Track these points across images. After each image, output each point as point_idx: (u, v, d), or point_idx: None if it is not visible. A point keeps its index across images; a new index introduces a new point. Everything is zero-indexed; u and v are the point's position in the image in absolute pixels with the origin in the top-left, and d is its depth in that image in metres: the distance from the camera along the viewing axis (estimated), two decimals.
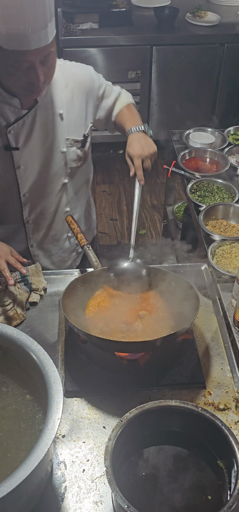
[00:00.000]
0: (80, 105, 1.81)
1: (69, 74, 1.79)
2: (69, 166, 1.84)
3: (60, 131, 1.77)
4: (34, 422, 1.21)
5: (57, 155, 1.79)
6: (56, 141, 1.77)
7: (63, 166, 1.83)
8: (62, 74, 1.76)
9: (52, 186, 1.84)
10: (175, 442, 1.24)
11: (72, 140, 1.80)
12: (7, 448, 1.17)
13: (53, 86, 1.72)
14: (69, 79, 1.78)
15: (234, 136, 2.75)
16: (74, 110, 1.79)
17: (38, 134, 1.73)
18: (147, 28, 4.21)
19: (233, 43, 4.16)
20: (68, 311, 1.49)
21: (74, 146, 1.81)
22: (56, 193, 1.86)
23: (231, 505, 1.04)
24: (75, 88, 1.78)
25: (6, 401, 1.26)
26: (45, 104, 1.71)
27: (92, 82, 1.84)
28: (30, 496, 1.09)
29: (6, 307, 1.61)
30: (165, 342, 1.41)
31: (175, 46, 4.17)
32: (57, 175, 1.83)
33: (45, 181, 1.82)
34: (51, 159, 1.78)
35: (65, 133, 1.78)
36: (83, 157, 1.86)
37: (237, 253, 1.91)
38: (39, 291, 1.71)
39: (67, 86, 1.77)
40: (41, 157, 1.77)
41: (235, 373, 1.49)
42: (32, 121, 1.70)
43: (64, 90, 1.76)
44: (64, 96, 1.76)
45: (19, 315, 1.62)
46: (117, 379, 1.45)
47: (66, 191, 1.89)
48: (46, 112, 1.72)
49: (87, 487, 1.22)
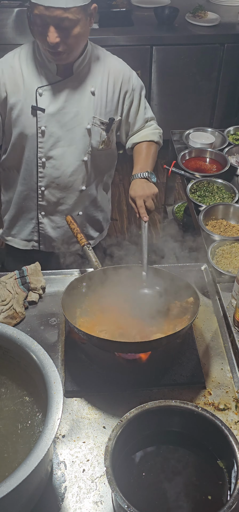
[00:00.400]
0: (114, 92, 1.87)
1: (110, 60, 1.88)
2: (91, 144, 1.88)
3: (88, 107, 1.83)
4: (32, 423, 1.21)
5: (81, 129, 1.84)
6: (83, 115, 1.83)
7: (85, 143, 1.87)
8: (103, 57, 1.86)
9: (70, 159, 1.88)
10: (175, 442, 1.24)
11: (98, 120, 1.85)
12: (4, 449, 1.17)
13: (91, 62, 1.82)
14: (108, 64, 1.87)
15: (234, 136, 2.75)
16: (106, 93, 1.85)
17: (66, 103, 1.80)
18: (147, 28, 4.20)
19: (233, 43, 4.16)
20: (68, 311, 1.49)
21: (99, 127, 1.86)
22: (74, 167, 1.90)
23: (231, 505, 1.04)
24: (113, 74, 1.86)
25: (4, 402, 1.26)
26: (80, 77, 1.80)
27: (129, 79, 1.89)
28: (30, 496, 1.09)
29: (5, 307, 1.61)
30: (165, 342, 1.41)
31: (175, 46, 4.17)
32: (78, 149, 1.87)
33: (64, 151, 1.86)
34: (74, 131, 1.84)
35: (93, 111, 1.84)
36: (106, 142, 1.91)
37: (237, 253, 1.91)
38: (37, 290, 1.71)
39: (105, 69, 1.85)
40: (64, 126, 1.82)
41: (235, 373, 1.49)
42: (63, 90, 1.78)
43: (102, 71, 1.84)
44: (100, 76, 1.84)
45: (18, 313, 1.62)
46: (117, 379, 1.45)
47: (85, 169, 1.92)
48: (79, 85, 1.80)
49: (87, 487, 1.22)
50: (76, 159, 1.88)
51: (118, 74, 1.88)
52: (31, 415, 1.22)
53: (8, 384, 1.29)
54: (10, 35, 3.90)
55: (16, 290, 1.67)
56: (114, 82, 1.87)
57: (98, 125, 1.86)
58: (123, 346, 1.41)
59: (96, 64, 1.85)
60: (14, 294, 1.65)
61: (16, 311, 1.62)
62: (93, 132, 1.86)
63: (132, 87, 1.91)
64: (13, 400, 1.26)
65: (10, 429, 1.20)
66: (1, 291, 1.65)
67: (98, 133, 1.87)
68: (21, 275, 1.72)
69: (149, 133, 1.99)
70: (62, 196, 1.96)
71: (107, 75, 1.86)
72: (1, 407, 1.24)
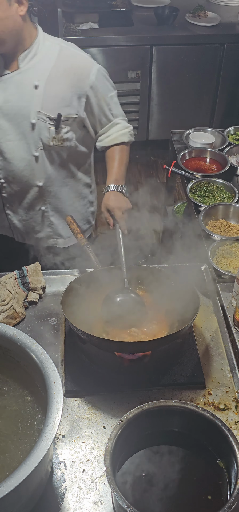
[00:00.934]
0: (65, 88, 1.83)
1: (65, 54, 1.84)
2: (41, 140, 1.87)
3: (32, 101, 1.82)
4: (33, 423, 1.21)
5: (26, 123, 1.84)
6: (28, 110, 1.82)
7: (34, 138, 1.86)
8: (58, 51, 1.82)
9: (21, 153, 1.89)
10: (175, 442, 1.24)
11: (44, 115, 1.83)
12: (5, 449, 1.17)
13: (41, 56, 1.80)
14: (63, 58, 1.82)
15: (234, 136, 2.75)
16: (55, 88, 1.82)
17: (11, 96, 1.81)
18: (147, 28, 4.21)
19: (233, 43, 4.16)
20: (68, 311, 1.49)
21: (47, 122, 1.84)
22: (25, 162, 1.90)
23: (231, 505, 1.04)
24: (65, 69, 1.82)
25: (7, 401, 1.26)
26: (27, 71, 1.80)
27: (86, 75, 1.84)
28: (30, 496, 1.09)
29: (4, 307, 1.61)
30: (165, 342, 1.41)
31: (175, 46, 4.17)
32: (28, 144, 1.87)
33: (14, 145, 1.88)
34: (22, 126, 1.84)
35: (38, 106, 1.82)
36: (58, 138, 1.88)
37: (237, 253, 1.91)
38: (37, 290, 1.71)
39: (58, 64, 1.82)
40: (12, 120, 1.83)
41: (235, 373, 1.49)
42: (9, 83, 1.80)
43: (52, 65, 1.81)
44: (48, 70, 1.81)
45: (18, 313, 1.62)
46: (117, 379, 1.45)
47: (39, 164, 1.92)
48: (25, 78, 1.80)
49: (87, 487, 1.22)
50: (27, 154, 1.89)
51: (71, 69, 1.83)
52: (32, 415, 1.22)
53: (10, 383, 1.29)
54: None
55: (16, 290, 1.67)
56: (66, 77, 1.82)
57: (44, 120, 1.83)
58: (123, 346, 1.42)
59: (47, 58, 1.82)
60: (14, 294, 1.65)
61: (16, 311, 1.62)
62: (40, 127, 1.84)
63: (89, 84, 1.85)
64: (16, 400, 1.26)
65: (12, 429, 1.20)
66: (1, 291, 1.65)
67: (45, 128, 1.85)
68: (21, 275, 1.72)
69: (118, 135, 1.96)
70: (20, 190, 1.98)
71: (58, 70, 1.82)
72: (4, 406, 1.25)
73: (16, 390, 1.28)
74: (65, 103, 1.84)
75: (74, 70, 1.83)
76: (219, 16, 4.30)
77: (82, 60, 1.87)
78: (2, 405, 1.25)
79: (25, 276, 1.71)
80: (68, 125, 1.87)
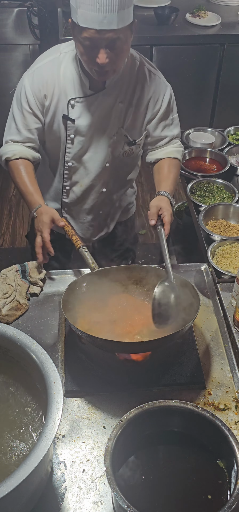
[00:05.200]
0: (143, 111, 1.89)
1: (145, 76, 1.86)
2: (113, 152, 1.91)
3: (116, 119, 1.86)
4: (33, 423, 1.21)
5: (105, 139, 1.88)
6: (108, 127, 1.86)
7: (109, 151, 1.90)
8: (139, 72, 1.85)
9: (95, 165, 1.93)
10: (175, 442, 1.24)
11: (123, 133, 1.88)
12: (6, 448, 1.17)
13: (122, 75, 1.81)
14: (143, 80, 1.85)
15: (234, 136, 2.75)
16: (135, 109, 1.87)
17: (95, 116, 1.84)
18: (147, 28, 4.20)
19: (233, 43, 4.15)
20: (68, 311, 1.49)
21: (123, 140, 1.89)
22: (97, 172, 1.95)
23: (231, 505, 1.04)
24: (145, 92, 1.86)
25: (6, 401, 1.26)
26: (111, 90, 1.81)
27: (160, 100, 1.89)
28: (30, 496, 1.09)
29: (7, 299, 1.63)
30: (165, 342, 1.41)
31: (175, 46, 4.16)
32: (102, 157, 1.91)
33: (89, 158, 1.92)
34: (101, 141, 1.88)
35: (119, 124, 1.86)
36: (128, 152, 1.94)
37: (237, 253, 1.91)
38: (36, 283, 1.74)
39: (138, 87, 1.85)
40: (92, 137, 1.87)
41: (235, 373, 1.49)
42: (93, 103, 1.82)
43: (132, 86, 1.84)
44: (130, 89, 1.84)
45: (23, 305, 1.65)
46: (117, 379, 1.45)
47: (106, 174, 1.97)
48: (109, 98, 1.82)
49: (87, 487, 1.22)
50: (100, 166, 1.93)
51: (150, 93, 1.87)
52: (32, 415, 1.22)
53: (10, 383, 1.29)
54: (10, 35, 3.90)
55: (18, 282, 1.69)
56: (145, 99, 1.86)
57: (122, 137, 1.89)
58: (123, 346, 1.41)
59: (128, 76, 1.84)
60: (16, 286, 1.68)
61: (19, 303, 1.64)
62: (117, 142, 1.90)
63: (161, 108, 1.90)
64: (15, 400, 1.26)
65: (12, 428, 1.20)
66: (2, 285, 1.67)
67: (121, 144, 1.91)
68: (23, 268, 1.76)
69: (174, 150, 1.99)
70: (84, 196, 2.02)
71: (139, 90, 1.85)
72: (4, 405, 1.25)
73: (16, 390, 1.28)
74: (140, 123, 1.90)
75: (151, 93, 1.87)
76: (219, 16, 4.29)
77: (158, 83, 1.90)
78: (2, 405, 1.25)
79: (26, 270, 1.73)
80: (139, 143, 1.95)
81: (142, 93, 1.86)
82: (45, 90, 1.80)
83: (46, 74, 1.80)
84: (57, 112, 1.84)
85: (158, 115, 1.91)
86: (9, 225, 3.84)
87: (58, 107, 1.83)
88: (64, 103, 1.82)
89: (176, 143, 2.01)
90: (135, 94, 1.85)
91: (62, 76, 1.81)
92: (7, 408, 1.25)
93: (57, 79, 1.80)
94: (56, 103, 1.82)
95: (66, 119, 1.83)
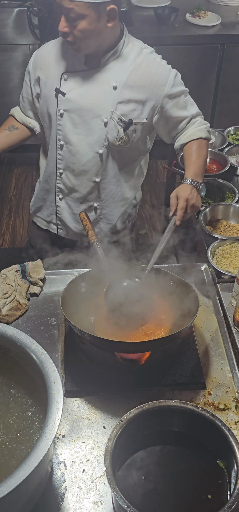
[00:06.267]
0: (140, 93, 1.86)
1: (144, 61, 1.87)
2: (107, 139, 1.90)
3: (108, 101, 1.85)
4: (33, 423, 1.21)
5: (98, 121, 1.87)
6: (102, 108, 1.86)
7: (101, 136, 1.89)
8: (139, 56, 1.87)
9: (86, 148, 1.93)
10: (175, 442, 1.24)
11: (117, 116, 1.86)
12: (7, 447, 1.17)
13: (119, 58, 1.84)
14: (142, 64, 1.86)
15: (234, 136, 2.75)
16: (131, 92, 1.85)
17: (87, 93, 1.85)
18: (147, 28, 4.20)
19: (233, 43, 4.15)
20: (68, 311, 1.49)
21: (118, 123, 1.87)
22: (88, 157, 1.94)
23: (231, 505, 1.04)
24: (142, 76, 1.85)
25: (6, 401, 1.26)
26: (106, 71, 1.83)
27: (162, 84, 1.88)
28: (30, 496, 1.09)
29: (7, 299, 1.63)
30: (165, 342, 1.41)
31: (175, 46, 4.16)
32: (94, 140, 1.91)
33: (80, 139, 1.92)
34: (92, 122, 1.88)
35: (113, 106, 1.85)
36: (124, 140, 1.91)
37: (237, 253, 1.91)
38: (36, 282, 1.74)
39: (137, 69, 1.85)
40: (83, 115, 1.87)
41: (235, 373, 1.49)
42: (87, 79, 1.84)
43: (131, 69, 1.84)
44: (126, 73, 1.84)
45: (22, 305, 1.65)
46: (117, 379, 1.45)
47: (100, 161, 1.95)
48: (103, 77, 1.84)
49: (87, 487, 1.22)
50: (91, 150, 1.92)
51: (149, 76, 1.86)
52: (32, 415, 1.22)
53: (10, 384, 1.29)
54: (10, 35, 3.90)
55: (18, 282, 1.69)
56: (143, 83, 1.85)
57: (116, 121, 1.87)
58: (123, 346, 1.41)
59: (127, 60, 1.85)
60: (15, 286, 1.68)
61: (19, 303, 1.64)
62: (110, 126, 1.88)
63: (164, 94, 1.88)
64: (15, 400, 1.26)
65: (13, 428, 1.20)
66: (2, 285, 1.67)
67: (115, 129, 1.88)
68: (23, 268, 1.76)
69: (196, 131, 1.97)
70: (77, 183, 2.01)
71: (136, 74, 1.84)
72: (4, 406, 1.25)
73: (16, 390, 1.28)
74: (138, 108, 1.88)
75: (151, 77, 1.86)
76: (219, 16, 4.29)
77: (159, 68, 1.90)
78: (2, 405, 1.25)
79: (26, 270, 1.73)
80: (136, 128, 1.91)
81: (142, 77, 1.84)
82: (43, 64, 1.91)
83: (47, 50, 1.93)
84: (51, 86, 1.89)
85: (165, 99, 1.89)
86: (9, 225, 3.84)
87: (52, 80, 1.88)
88: (57, 76, 1.87)
89: (196, 121, 1.99)
90: (133, 78, 1.84)
91: (59, 51, 1.88)
92: (7, 408, 1.25)
93: (54, 54, 1.89)
94: (51, 76, 1.89)
95: (58, 91, 1.86)
